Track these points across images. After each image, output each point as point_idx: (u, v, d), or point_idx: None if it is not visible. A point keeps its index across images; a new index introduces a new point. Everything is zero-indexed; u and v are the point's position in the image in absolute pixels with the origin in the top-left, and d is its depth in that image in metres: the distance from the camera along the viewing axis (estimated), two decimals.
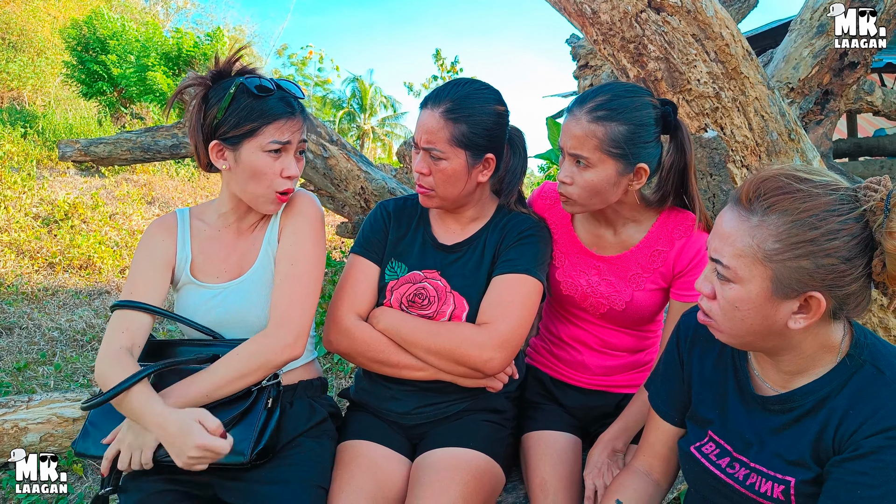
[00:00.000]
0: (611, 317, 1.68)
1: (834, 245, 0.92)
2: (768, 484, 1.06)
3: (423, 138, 1.52)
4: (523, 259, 1.56)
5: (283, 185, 1.47)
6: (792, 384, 1.08)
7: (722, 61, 1.92)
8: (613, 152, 1.44)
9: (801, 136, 2.07)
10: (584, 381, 1.76)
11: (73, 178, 8.79)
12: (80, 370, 3.89)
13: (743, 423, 1.14)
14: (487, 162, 1.57)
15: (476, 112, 1.51)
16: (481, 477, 1.46)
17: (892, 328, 2.09)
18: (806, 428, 1.04)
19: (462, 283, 1.59)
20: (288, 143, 1.45)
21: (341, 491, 1.43)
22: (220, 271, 1.56)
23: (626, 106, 1.44)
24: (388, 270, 1.66)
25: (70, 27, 12.53)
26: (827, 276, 0.93)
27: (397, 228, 1.71)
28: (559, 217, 1.75)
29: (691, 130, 2.02)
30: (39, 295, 5.58)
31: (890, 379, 0.98)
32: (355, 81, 33.19)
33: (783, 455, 1.06)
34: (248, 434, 1.36)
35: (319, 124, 4.16)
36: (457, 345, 1.49)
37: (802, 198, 0.94)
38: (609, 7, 1.90)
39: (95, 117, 10.80)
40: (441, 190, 1.56)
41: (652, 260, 1.61)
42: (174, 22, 20.97)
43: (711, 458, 1.17)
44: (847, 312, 1.00)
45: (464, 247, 1.65)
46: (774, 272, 0.95)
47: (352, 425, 1.66)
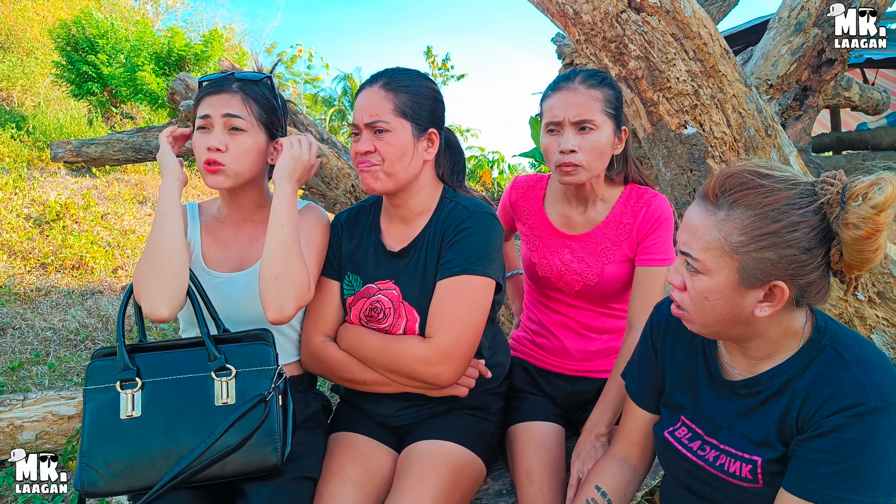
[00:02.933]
0: (586, 294, 1.76)
1: (795, 236, 0.98)
2: (736, 464, 1.12)
3: (366, 114, 1.52)
4: (459, 258, 1.51)
5: (205, 155, 1.54)
6: (758, 369, 1.14)
7: (700, 60, 1.97)
8: (611, 113, 1.62)
9: (777, 132, 2.12)
10: (566, 367, 1.83)
11: (63, 179, 8.77)
12: (75, 369, 3.91)
13: (713, 407, 1.20)
14: (431, 138, 1.58)
15: (414, 84, 1.56)
16: (460, 469, 1.51)
17: (867, 318, 2.15)
18: (771, 410, 1.10)
19: (412, 293, 1.58)
20: (207, 117, 1.54)
21: (331, 480, 1.48)
22: (222, 260, 1.63)
23: (607, 76, 1.66)
24: (346, 286, 1.66)
25: (59, 27, 12.46)
26: (789, 265, 0.99)
27: (349, 240, 1.70)
28: (532, 203, 1.86)
29: (671, 127, 2.07)
30: (32, 295, 5.59)
31: (848, 361, 1.03)
32: (346, 79, 33.08)
33: (750, 436, 1.12)
34: (271, 439, 1.36)
35: (309, 123, 4.19)
36: (405, 363, 1.51)
37: (765, 192, 1.00)
38: (590, 8, 1.95)
39: (86, 117, 10.76)
40: (388, 165, 1.52)
41: (619, 232, 1.72)
42: (164, 21, 20.88)
43: (684, 441, 1.22)
44: (808, 300, 1.05)
45: (410, 251, 1.62)
46: (741, 263, 1.01)
47: (343, 417, 1.71)
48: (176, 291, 1.43)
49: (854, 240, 0.96)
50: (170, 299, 1.41)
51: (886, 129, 6.60)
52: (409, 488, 1.41)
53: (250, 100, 1.56)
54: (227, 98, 1.54)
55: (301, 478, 1.45)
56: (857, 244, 0.97)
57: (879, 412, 0.97)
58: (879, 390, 0.99)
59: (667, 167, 2.18)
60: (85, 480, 1.33)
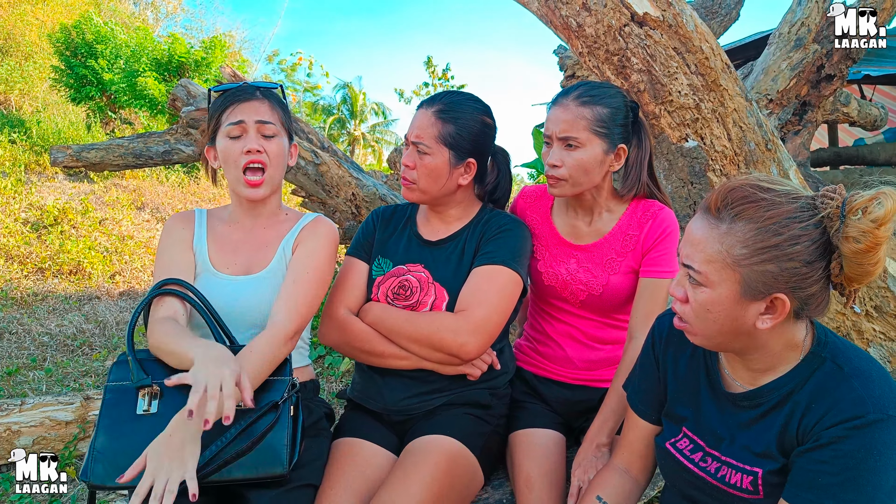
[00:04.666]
0: (590, 304, 1.77)
1: (796, 249, 0.99)
2: (738, 476, 1.13)
3: (414, 133, 1.66)
4: (500, 251, 1.65)
5: (244, 159, 1.57)
6: (759, 381, 1.15)
7: (702, 74, 1.99)
8: (599, 131, 1.63)
9: (777, 146, 2.15)
10: (567, 375, 1.83)
11: (61, 184, 8.77)
12: (72, 374, 3.90)
13: (714, 419, 1.21)
14: (469, 166, 1.70)
15: (464, 116, 1.66)
16: (452, 461, 1.52)
17: (864, 332, 2.17)
18: (772, 421, 1.11)
19: (443, 275, 1.68)
20: (242, 122, 1.57)
21: (331, 487, 1.50)
22: (231, 263, 1.64)
23: (605, 93, 1.65)
24: (375, 267, 1.77)
25: (59, 31, 12.48)
26: (791, 278, 1.00)
27: (384, 230, 1.83)
28: (539, 212, 1.88)
29: (673, 140, 2.09)
30: (29, 300, 5.58)
31: (848, 374, 1.04)
32: (345, 88, 33.19)
33: (751, 447, 1.12)
34: (280, 446, 1.38)
35: (311, 130, 4.20)
36: (433, 331, 1.58)
37: (766, 206, 1.01)
38: (594, 21, 1.97)
39: (84, 122, 10.76)
40: (422, 183, 1.67)
41: (624, 244, 1.73)
42: (164, 27, 20.93)
43: (686, 453, 1.23)
44: (809, 312, 1.06)
45: (447, 242, 1.74)
46: (742, 276, 1.02)
47: (347, 423, 1.74)
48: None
49: (854, 253, 0.97)
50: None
51: (883, 145, 6.65)
52: (400, 476, 1.44)
53: (276, 106, 1.64)
54: (257, 105, 1.59)
55: (303, 485, 1.46)
56: (857, 257, 0.98)
57: (879, 424, 0.98)
58: (879, 402, 1.00)
59: (668, 180, 2.20)
60: (92, 472, 1.32)
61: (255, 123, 1.58)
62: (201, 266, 1.62)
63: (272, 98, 1.64)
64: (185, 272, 1.59)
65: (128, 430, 1.35)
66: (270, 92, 1.66)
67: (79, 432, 2.73)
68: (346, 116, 32.93)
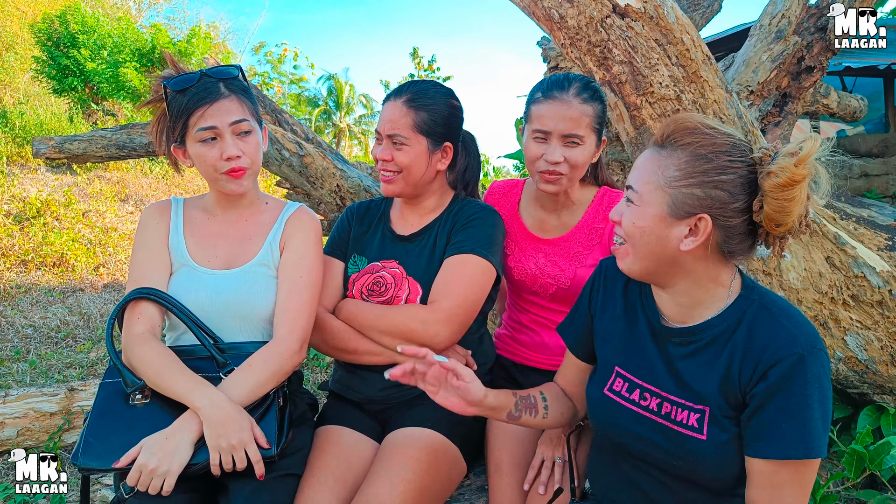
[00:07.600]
0: (560, 297, 1.81)
1: (722, 179, 1.09)
2: (684, 413, 1.18)
3: (388, 126, 1.67)
4: (469, 240, 1.67)
5: (226, 166, 1.53)
6: (691, 319, 1.21)
7: (683, 65, 2.01)
8: (597, 128, 1.68)
9: (757, 138, 2.17)
10: (544, 361, 1.87)
11: (44, 175, 8.68)
12: (56, 367, 3.88)
13: (651, 354, 1.26)
14: (445, 150, 1.73)
15: (434, 102, 1.69)
16: (434, 454, 1.55)
17: (841, 320, 2.21)
18: (712, 363, 1.17)
19: (416, 270, 1.71)
20: (214, 128, 1.50)
21: (313, 475, 1.52)
22: (211, 257, 1.62)
23: (598, 88, 1.71)
24: (351, 265, 1.79)
25: (41, 21, 12.30)
26: (713, 203, 1.10)
27: (359, 226, 1.85)
28: (507, 208, 1.93)
29: (654, 131, 2.11)
30: (12, 292, 5.54)
31: (776, 314, 1.13)
32: (331, 79, 33.00)
33: (692, 386, 1.18)
34: (269, 431, 1.42)
35: (295, 122, 4.19)
36: (404, 322, 1.60)
37: (705, 138, 1.11)
38: (576, 12, 1.98)
39: (67, 114, 10.64)
40: (404, 174, 1.69)
41: (590, 237, 1.78)
42: (146, 17, 20.67)
43: (623, 394, 1.28)
44: (732, 248, 1.14)
45: (420, 236, 1.77)
46: (671, 196, 1.12)
47: (329, 411, 1.77)
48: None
49: (773, 187, 1.05)
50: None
51: (864, 137, 6.74)
52: (383, 471, 1.46)
53: (244, 100, 1.57)
54: (227, 105, 1.52)
55: (285, 475, 1.47)
56: (774, 192, 1.06)
57: (809, 358, 1.06)
58: (807, 339, 1.08)
59: None
60: (82, 455, 1.35)
61: (230, 126, 1.52)
62: (181, 260, 1.60)
63: (237, 90, 1.56)
64: (161, 270, 1.57)
65: (121, 417, 1.40)
66: (234, 83, 1.57)
67: (63, 423, 2.73)
68: (331, 108, 32.76)
